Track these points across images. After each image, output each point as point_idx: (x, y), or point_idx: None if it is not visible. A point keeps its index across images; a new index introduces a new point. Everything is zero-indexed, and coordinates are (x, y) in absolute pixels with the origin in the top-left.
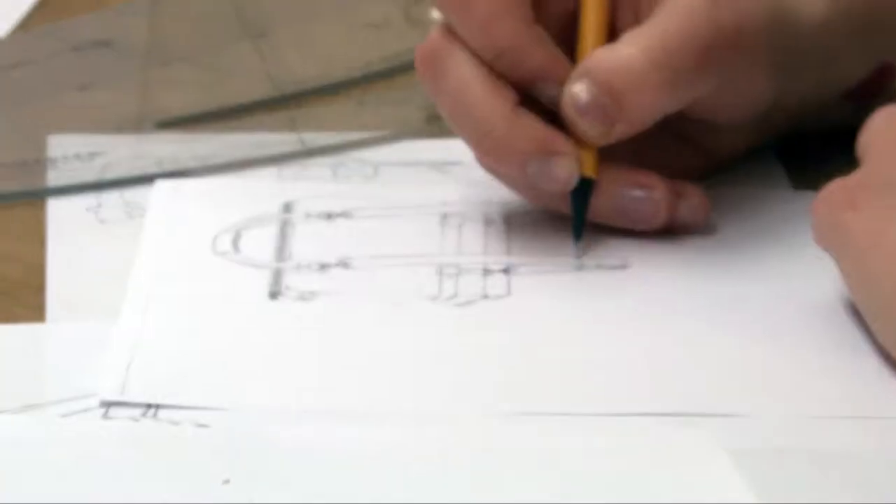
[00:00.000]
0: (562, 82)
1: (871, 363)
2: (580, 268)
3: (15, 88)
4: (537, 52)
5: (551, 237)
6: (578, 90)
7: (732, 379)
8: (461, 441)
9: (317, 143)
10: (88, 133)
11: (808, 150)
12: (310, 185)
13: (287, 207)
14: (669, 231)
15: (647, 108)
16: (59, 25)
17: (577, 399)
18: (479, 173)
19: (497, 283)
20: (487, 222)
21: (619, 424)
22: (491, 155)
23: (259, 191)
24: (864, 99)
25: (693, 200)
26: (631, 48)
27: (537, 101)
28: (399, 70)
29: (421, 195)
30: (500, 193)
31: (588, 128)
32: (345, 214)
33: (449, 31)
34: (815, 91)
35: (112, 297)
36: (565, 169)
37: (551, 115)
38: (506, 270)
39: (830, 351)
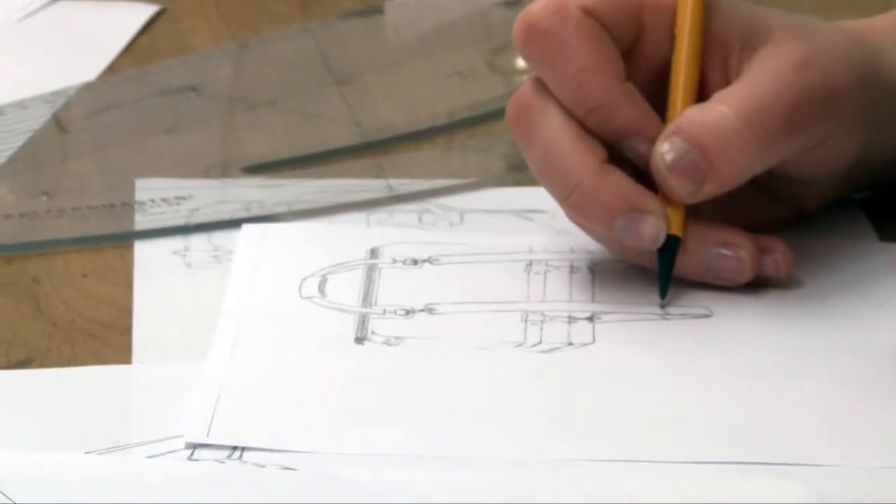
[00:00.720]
0: (652, 139)
1: None
2: (665, 316)
3: (103, 132)
4: (628, 109)
5: (636, 285)
6: (669, 147)
7: (821, 429)
8: (545, 487)
9: (404, 190)
10: (176, 177)
11: (895, 201)
12: (396, 231)
13: (373, 253)
14: (752, 283)
15: (737, 167)
16: (147, 70)
17: (662, 446)
18: (564, 221)
19: (582, 330)
20: (572, 270)
21: (705, 472)
22: (578, 210)
23: (345, 236)
24: None
25: (777, 256)
26: (722, 107)
27: (626, 160)
28: (483, 118)
29: (506, 242)
30: (584, 241)
31: (677, 186)
32: (431, 260)
33: (540, 84)
34: None
35: (198, 340)
36: (652, 227)
37: (639, 173)
38: (590, 318)
39: None
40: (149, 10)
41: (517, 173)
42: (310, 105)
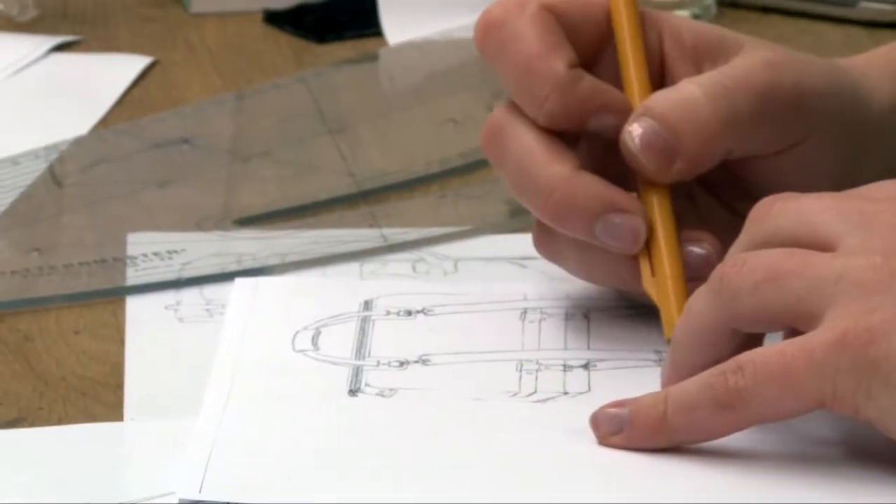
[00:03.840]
0: (615, 110)
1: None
2: (661, 362)
3: (96, 186)
4: (582, 87)
5: (632, 331)
6: (637, 126)
7: (811, 471)
8: None
9: (397, 239)
10: (168, 230)
11: None
12: (389, 282)
13: (367, 305)
14: None
15: (703, 141)
16: (140, 123)
17: (662, 494)
18: (559, 268)
19: (577, 378)
20: (568, 317)
21: None
22: (556, 217)
23: (339, 288)
24: None
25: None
26: (690, 85)
27: (601, 169)
28: (477, 165)
29: (501, 290)
30: (580, 287)
31: (647, 162)
32: (425, 311)
33: (511, 105)
34: (891, 167)
35: (191, 395)
36: (632, 225)
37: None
38: (586, 366)
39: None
40: (142, 62)
41: (518, 219)
42: (304, 155)
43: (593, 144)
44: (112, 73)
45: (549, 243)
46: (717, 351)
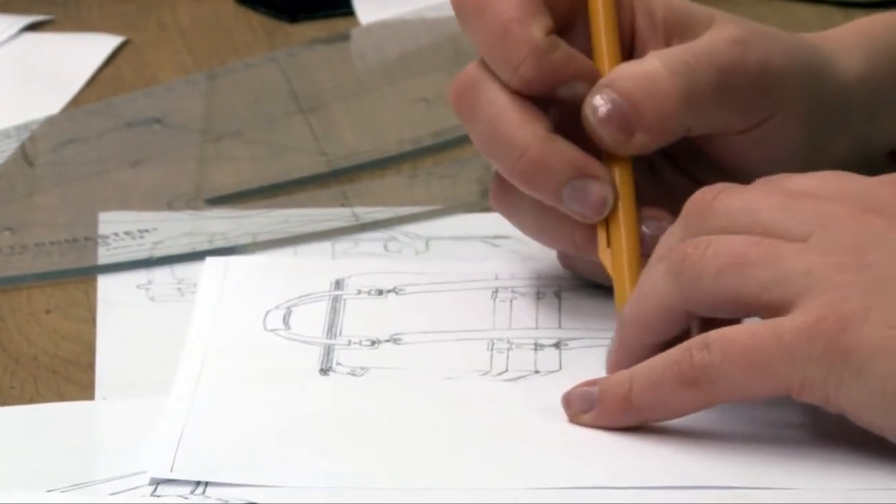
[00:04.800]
0: (585, 79)
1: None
2: None
3: (67, 165)
4: (556, 53)
5: (603, 310)
6: (598, 98)
7: (780, 453)
8: None
9: (369, 218)
10: (140, 210)
11: None
12: (361, 261)
13: (338, 284)
14: None
15: (664, 116)
16: (112, 102)
17: (631, 473)
18: (531, 247)
19: (548, 357)
20: (539, 296)
21: (672, 498)
22: (526, 178)
23: (310, 268)
24: None
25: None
26: (653, 59)
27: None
28: (449, 145)
29: (472, 269)
30: (551, 267)
31: (607, 136)
32: (396, 290)
33: (483, 63)
34: (859, 148)
35: (162, 375)
36: (599, 193)
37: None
38: (557, 345)
39: None
40: (114, 42)
41: (488, 199)
42: (275, 135)
43: (562, 111)
44: (84, 53)
45: (507, 199)
46: (667, 331)
